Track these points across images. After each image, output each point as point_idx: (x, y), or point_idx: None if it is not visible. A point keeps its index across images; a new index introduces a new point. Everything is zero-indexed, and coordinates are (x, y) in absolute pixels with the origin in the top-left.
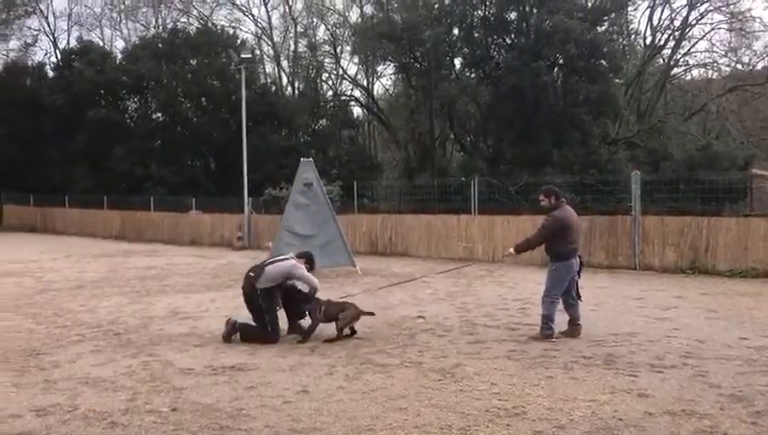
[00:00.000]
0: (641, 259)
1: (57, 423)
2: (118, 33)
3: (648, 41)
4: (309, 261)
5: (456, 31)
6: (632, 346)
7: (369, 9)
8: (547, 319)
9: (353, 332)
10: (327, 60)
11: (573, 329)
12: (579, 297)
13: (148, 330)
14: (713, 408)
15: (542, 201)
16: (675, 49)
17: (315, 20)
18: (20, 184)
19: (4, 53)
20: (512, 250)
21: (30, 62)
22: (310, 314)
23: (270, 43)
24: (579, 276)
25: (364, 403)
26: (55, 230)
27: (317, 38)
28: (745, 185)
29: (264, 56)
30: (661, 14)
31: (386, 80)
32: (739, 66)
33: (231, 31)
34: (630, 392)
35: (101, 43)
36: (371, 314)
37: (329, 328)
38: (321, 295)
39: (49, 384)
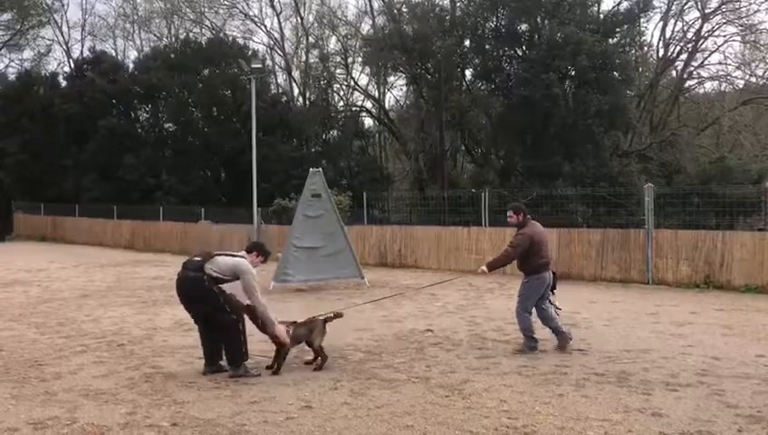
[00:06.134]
0: (654, 273)
1: None
2: (131, 43)
3: (661, 53)
4: (262, 252)
5: (467, 42)
6: (646, 363)
7: (380, 20)
8: (526, 331)
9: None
10: (338, 71)
11: (562, 340)
12: (558, 308)
13: (152, 341)
14: (730, 429)
15: (511, 218)
16: (688, 61)
17: (327, 31)
18: (31, 193)
19: (18, 62)
20: (484, 268)
21: (43, 72)
22: (272, 338)
23: (281, 54)
24: (553, 291)
25: (369, 420)
26: (65, 239)
27: (328, 49)
28: (759, 199)
29: (276, 67)
30: (674, 26)
31: (397, 91)
32: (753, 79)
33: (243, 42)
34: (644, 412)
35: (114, 54)
36: (340, 315)
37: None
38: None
39: (49, 396)
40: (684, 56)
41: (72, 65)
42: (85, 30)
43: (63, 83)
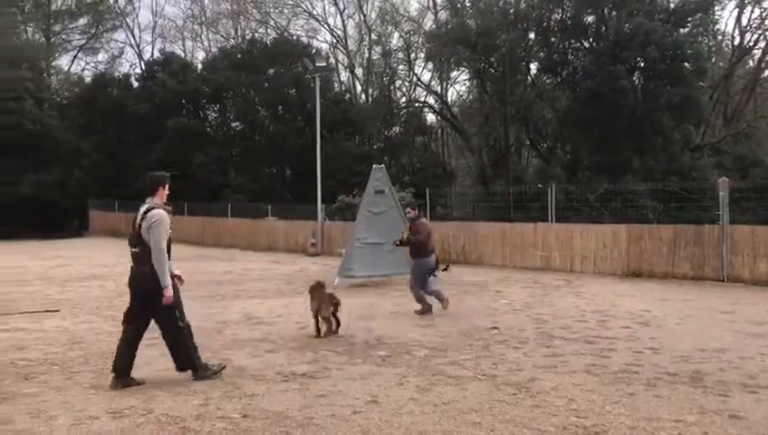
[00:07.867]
0: (730, 271)
1: (131, 426)
2: (199, 44)
3: (737, 42)
4: (161, 180)
5: (531, 35)
6: (722, 363)
7: (443, 15)
8: (420, 300)
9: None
10: (401, 67)
11: (425, 308)
12: (435, 275)
13: (222, 335)
14: None
15: (409, 214)
16: (766, 50)
17: (389, 27)
18: (106, 191)
19: (93, 65)
20: (397, 241)
21: (116, 74)
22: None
23: (345, 51)
24: (435, 273)
25: (435, 416)
26: None
27: (391, 45)
28: None
29: (339, 64)
30: (751, 13)
31: (460, 86)
32: None
33: (307, 40)
34: (721, 414)
35: (183, 55)
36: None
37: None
38: None
39: (125, 387)
40: (762, 44)
41: (143, 67)
42: (155, 32)
43: (135, 84)
